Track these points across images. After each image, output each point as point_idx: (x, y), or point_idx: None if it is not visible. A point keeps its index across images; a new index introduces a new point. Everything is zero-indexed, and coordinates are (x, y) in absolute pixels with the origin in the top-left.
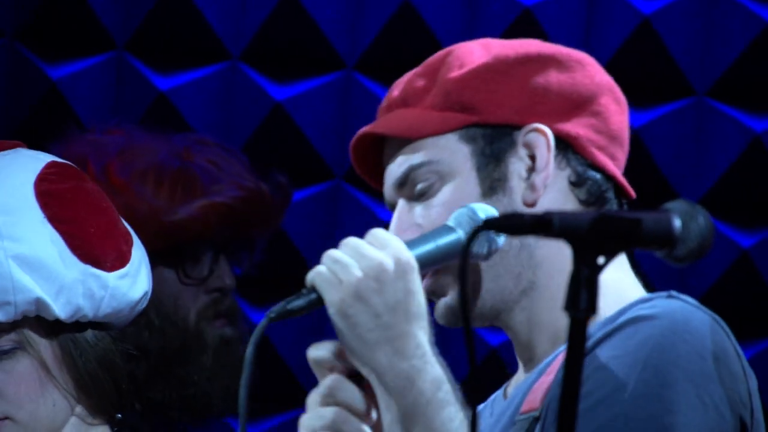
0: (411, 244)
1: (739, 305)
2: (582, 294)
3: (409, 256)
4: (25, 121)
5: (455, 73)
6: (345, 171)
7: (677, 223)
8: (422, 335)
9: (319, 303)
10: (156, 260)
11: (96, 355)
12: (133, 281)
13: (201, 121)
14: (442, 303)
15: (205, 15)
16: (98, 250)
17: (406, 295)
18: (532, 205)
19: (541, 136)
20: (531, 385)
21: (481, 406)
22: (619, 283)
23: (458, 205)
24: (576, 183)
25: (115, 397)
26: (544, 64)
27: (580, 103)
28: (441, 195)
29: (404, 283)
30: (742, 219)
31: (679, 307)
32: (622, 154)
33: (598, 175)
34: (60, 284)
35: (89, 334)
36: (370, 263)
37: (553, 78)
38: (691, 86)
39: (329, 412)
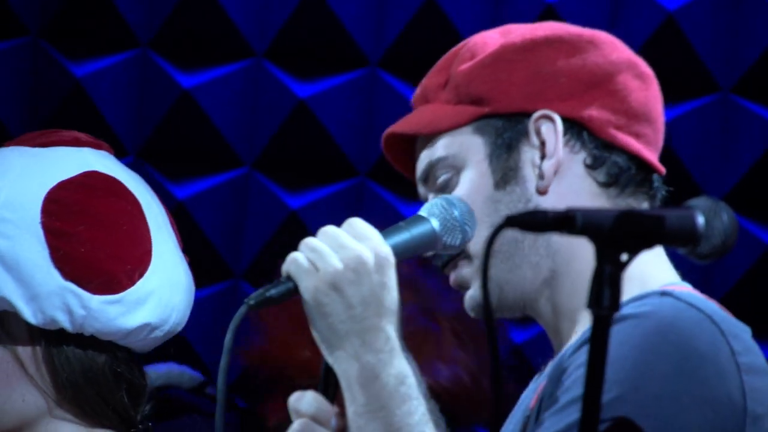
0: (386, 234)
1: (763, 302)
2: (605, 292)
3: (388, 251)
4: (49, 118)
5: (465, 66)
6: (369, 168)
7: (701, 220)
8: (391, 330)
9: (295, 291)
10: None
11: (82, 368)
12: (126, 310)
13: (225, 119)
14: (468, 296)
15: (228, 13)
16: (84, 271)
17: (381, 289)
18: (544, 192)
19: (549, 122)
20: None
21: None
22: (650, 270)
23: (474, 196)
24: (592, 166)
25: (103, 410)
26: (553, 48)
27: (593, 84)
28: (459, 188)
29: (380, 277)
30: (766, 215)
31: (669, 305)
32: (650, 129)
33: (618, 156)
34: (33, 292)
35: (76, 346)
36: (349, 254)
37: (562, 61)
38: (716, 82)
39: (295, 425)
